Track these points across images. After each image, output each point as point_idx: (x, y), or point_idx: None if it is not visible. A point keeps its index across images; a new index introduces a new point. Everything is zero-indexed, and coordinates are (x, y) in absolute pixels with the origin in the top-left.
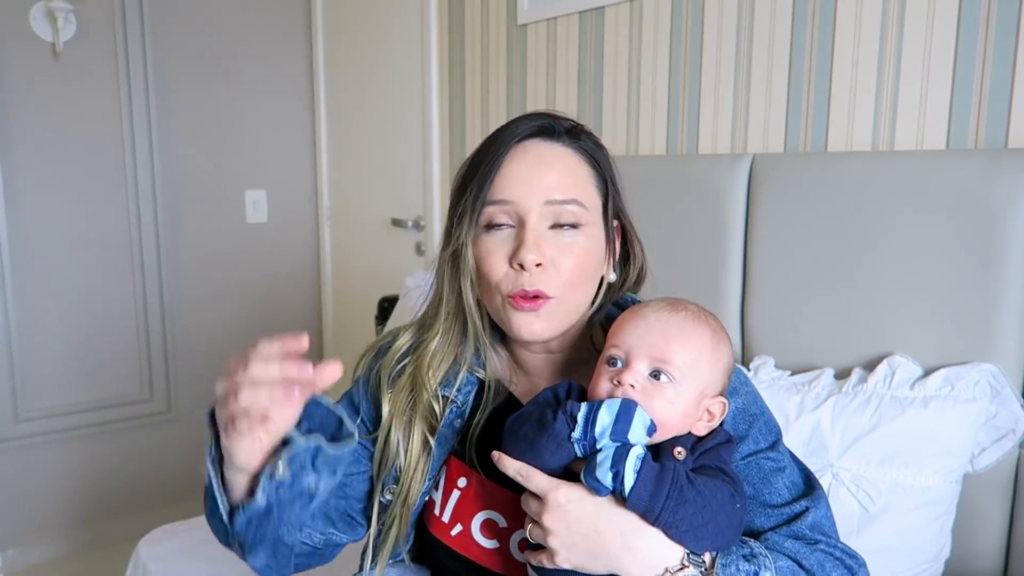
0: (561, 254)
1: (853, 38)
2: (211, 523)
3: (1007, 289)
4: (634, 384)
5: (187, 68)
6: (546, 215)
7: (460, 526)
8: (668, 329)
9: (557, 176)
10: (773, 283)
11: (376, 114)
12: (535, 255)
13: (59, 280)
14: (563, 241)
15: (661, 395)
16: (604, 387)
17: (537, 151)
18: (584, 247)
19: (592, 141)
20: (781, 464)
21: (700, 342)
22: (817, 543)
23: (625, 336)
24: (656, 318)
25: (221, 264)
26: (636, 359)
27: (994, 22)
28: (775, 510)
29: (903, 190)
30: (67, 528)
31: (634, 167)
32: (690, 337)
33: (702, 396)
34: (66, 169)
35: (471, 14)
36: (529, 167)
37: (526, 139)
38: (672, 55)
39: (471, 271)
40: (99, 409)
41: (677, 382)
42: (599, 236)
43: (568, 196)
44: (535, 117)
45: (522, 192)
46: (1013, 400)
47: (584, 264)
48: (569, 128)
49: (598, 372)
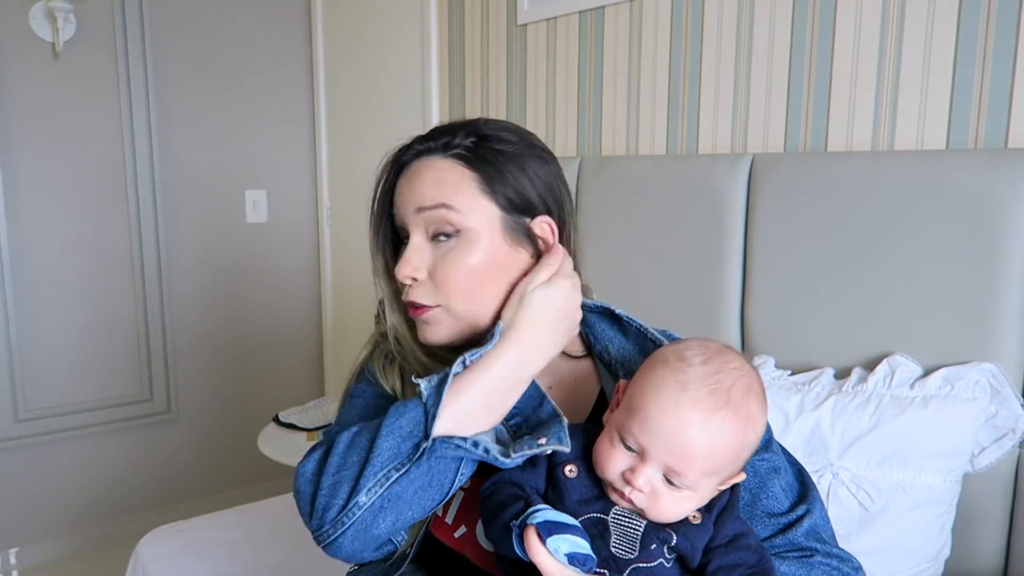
0: (439, 264)
1: (853, 38)
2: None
3: (1007, 289)
4: (642, 491)
5: (187, 68)
6: (422, 225)
7: (464, 528)
8: (700, 439)
9: (424, 184)
10: (773, 283)
11: (376, 114)
12: (407, 270)
13: (59, 280)
14: (441, 251)
15: (673, 496)
16: (614, 468)
17: (414, 168)
18: (468, 254)
19: (492, 146)
20: (776, 464)
21: (728, 447)
22: (813, 554)
23: (651, 424)
24: (689, 418)
25: (221, 264)
26: (651, 460)
27: (994, 22)
28: (773, 519)
29: (903, 190)
30: (67, 528)
31: (634, 167)
32: (716, 446)
33: (723, 481)
34: (66, 169)
35: (471, 14)
36: (406, 184)
37: (410, 160)
38: (672, 55)
39: (393, 295)
40: (99, 409)
41: (692, 488)
42: (495, 240)
43: (436, 201)
44: (422, 137)
45: (400, 205)
46: (1013, 400)
47: (471, 270)
48: (450, 141)
49: (611, 444)
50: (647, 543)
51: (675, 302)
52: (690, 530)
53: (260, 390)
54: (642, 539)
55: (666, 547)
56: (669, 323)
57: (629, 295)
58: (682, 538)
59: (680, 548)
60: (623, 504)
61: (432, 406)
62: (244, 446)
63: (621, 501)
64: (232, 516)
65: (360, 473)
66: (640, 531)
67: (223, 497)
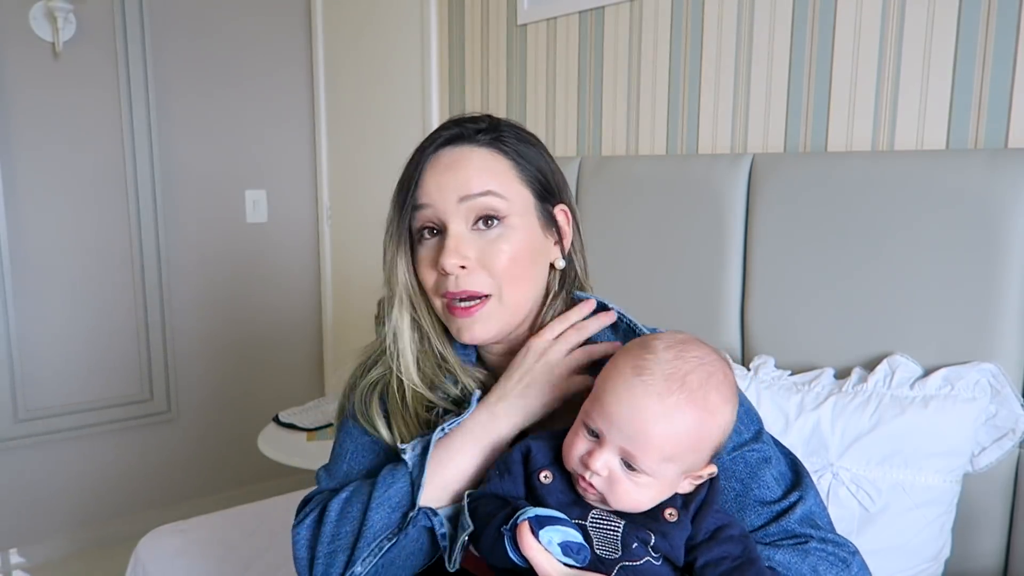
0: (487, 251)
1: (853, 38)
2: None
3: (1007, 289)
4: (600, 474)
5: (187, 68)
6: (465, 213)
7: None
8: (652, 423)
9: (468, 172)
10: (773, 283)
11: (376, 114)
12: (455, 259)
13: (59, 280)
14: (487, 238)
15: (632, 481)
16: (576, 454)
17: (449, 156)
18: (513, 241)
19: (513, 135)
20: (767, 455)
21: (683, 433)
22: (808, 540)
23: (607, 408)
24: (642, 402)
25: (221, 264)
26: (608, 444)
27: (994, 22)
28: (766, 507)
29: (903, 190)
30: (67, 528)
31: (634, 167)
32: (669, 430)
33: (684, 475)
34: (66, 169)
35: (471, 14)
36: (442, 172)
37: (439, 149)
38: (672, 55)
39: (408, 292)
40: (99, 409)
41: (650, 475)
42: (532, 225)
43: (483, 188)
44: (447, 127)
45: (437, 196)
46: (1013, 400)
47: (517, 256)
48: (481, 129)
49: (575, 432)
50: (628, 543)
51: (675, 302)
52: (667, 528)
53: (260, 390)
54: (622, 540)
55: (647, 547)
56: (669, 323)
57: (629, 295)
58: (660, 537)
59: (660, 548)
60: (589, 496)
61: (417, 476)
62: (244, 446)
63: (587, 493)
64: (232, 516)
65: (354, 544)
66: (619, 532)
67: (223, 497)
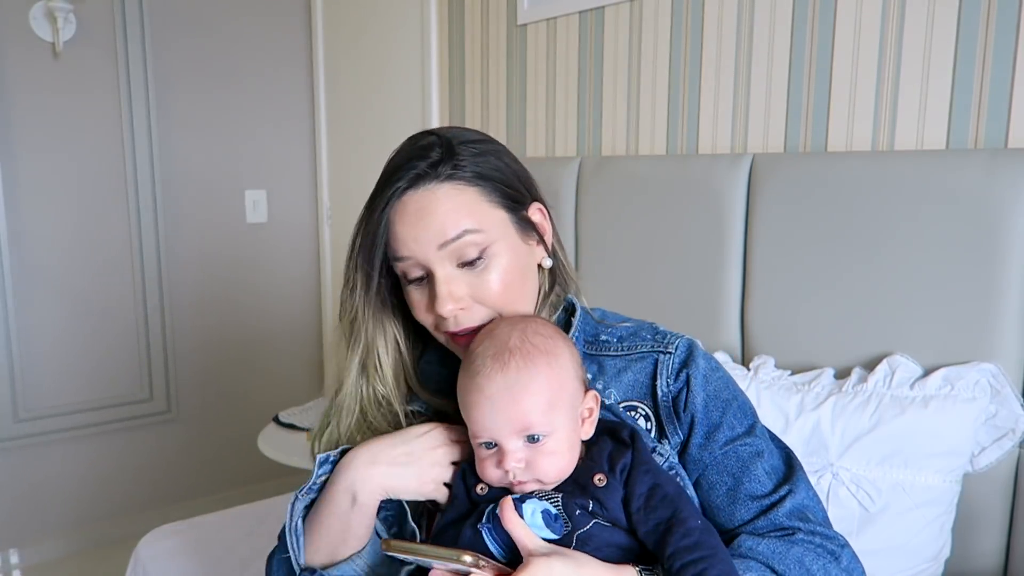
0: (478, 286)
1: (853, 38)
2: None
3: (1007, 289)
4: (519, 465)
5: (187, 68)
6: (448, 257)
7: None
8: (512, 395)
9: (439, 218)
10: (773, 283)
11: (376, 114)
12: (451, 304)
13: (59, 280)
14: (475, 272)
15: (545, 453)
16: (493, 474)
17: (415, 204)
18: (500, 267)
19: (468, 153)
20: (759, 448)
21: (543, 380)
22: (795, 532)
23: (479, 422)
24: (494, 387)
25: (221, 264)
26: (505, 440)
27: (994, 22)
28: (756, 501)
29: (903, 190)
30: (67, 528)
31: (634, 167)
32: (532, 385)
33: (574, 413)
34: (66, 169)
35: (471, 14)
36: (413, 224)
37: (401, 196)
38: (672, 55)
39: (365, 340)
40: (99, 409)
41: (551, 432)
42: (513, 243)
43: (458, 230)
44: (404, 163)
45: (415, 247)
46: (1013, 400)
47: (507, 281)
48: (437, 161)
49: (479, 456)
50: (571, 512)
51: (675, 302)
52: (599, 493)
53: (260, 390)
54: (566, 511)
55: (588, 512)
56: (669, 323)
57: (629, 295)
58: (596, 504)
59: (598, 513)
60: (527, 488)
61: (295, 547)
62: (244, 446)
63: (524, 487)
64: (232, 516)
65: None
66: (560, 506)
67: (223, 497)
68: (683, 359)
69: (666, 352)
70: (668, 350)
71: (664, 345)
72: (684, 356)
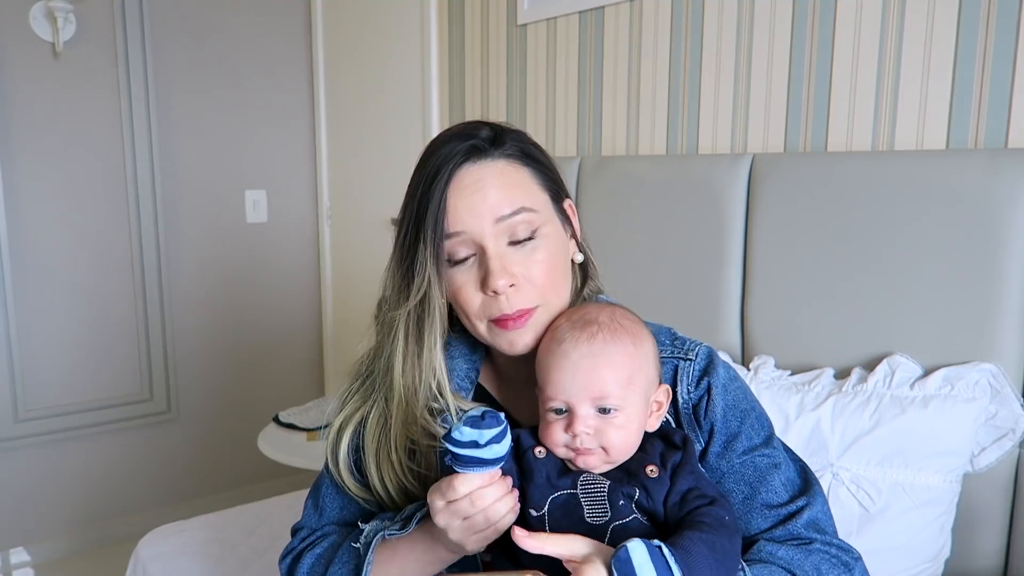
0: (529, 266)
1: (853, 38)
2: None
3: (1007, 289)
4: (587, 431)
5: (187, 68)
6: (501, 233)
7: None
8: (594, 363)
9: (497, 192)
10: (773, 283)
11: (376, 114)
12: (505, 278)
13: (59, 280)
14: (525, 251)
15: (614, 426)
16: (560, 438)
17: (471, 176)
18: (548, 249)
19: (518, 138)
20: (776, 460)
21: (626, 357)
22: (812, 542)
23: (557, 384)
24: (578, 354)
25: (221, 264)
26: (578, 405)
27: (994, 22)
28: (772, 511)
29: (903, 190)
30: (67, 528)
31: (634, 167)
32: (615, 359)
33: (647, 398)
34: (66, 169)
35: (471, 14)
36: (470, 195)
37: (458, 168)
38: (672, 55)
39: (440, 315)
40: (99, 409)
41: (623, 408)
42: (558, 229)
43: (515, 206)
44: (457, 139)
45: (471, 221)
46: (1013, 400)
47: (553, 265)
48: (492, 137)
49: (546, 420)
50: (615, 500)
51: (675, 302)
52: (649, 483)
53: (260, 390)
54: (609, 497)
55: (632, 503)
56: (669, 323)
57: (629, 295)
58: (643, 492)
59: (643, 503)
60: (589, 461)
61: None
62: (244, 446)
63: (587, 458)
64: (232, 516)
65: None
66: (606, 489)
67: (223, 497)
68: (703, 367)
69: (686, 359)
70: (688, 357)
71: (684, 352)
72: (704, 364)
